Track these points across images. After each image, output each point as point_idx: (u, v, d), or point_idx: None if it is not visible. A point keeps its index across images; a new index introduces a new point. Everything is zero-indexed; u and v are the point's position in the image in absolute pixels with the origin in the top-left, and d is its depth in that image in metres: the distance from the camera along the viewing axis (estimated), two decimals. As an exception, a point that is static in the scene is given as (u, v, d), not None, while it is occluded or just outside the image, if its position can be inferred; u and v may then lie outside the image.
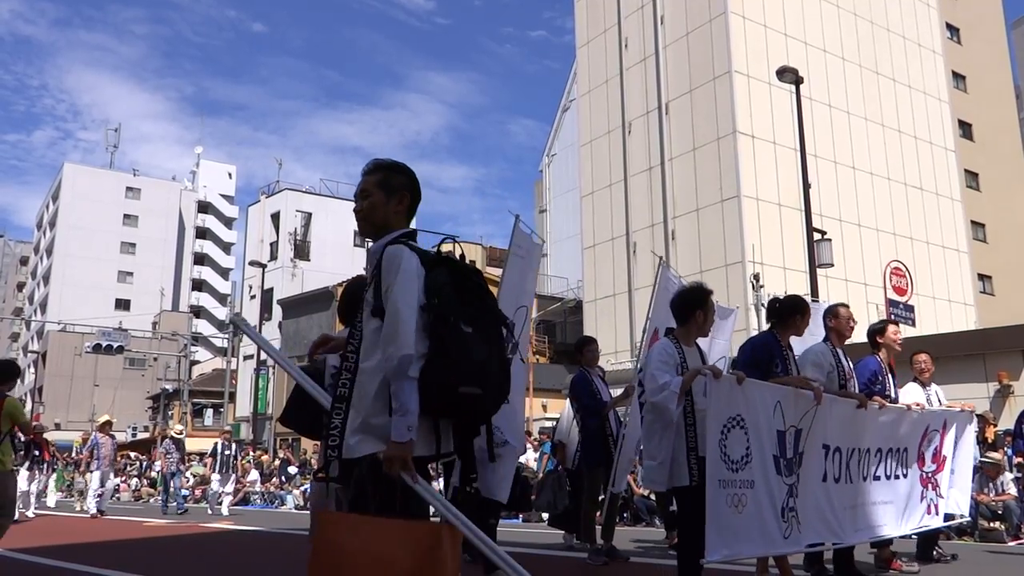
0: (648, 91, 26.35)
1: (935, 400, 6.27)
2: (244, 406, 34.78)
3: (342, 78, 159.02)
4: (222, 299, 65.42)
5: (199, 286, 68.72)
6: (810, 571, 5.18)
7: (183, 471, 17.00)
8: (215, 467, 15.59)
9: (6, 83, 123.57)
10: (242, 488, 19.80)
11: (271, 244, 38.26)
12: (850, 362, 5.35)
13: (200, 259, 69.40)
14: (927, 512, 5.71)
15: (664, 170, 25.32)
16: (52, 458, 17.28)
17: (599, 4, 28.95)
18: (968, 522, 7.81)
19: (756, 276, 21.72)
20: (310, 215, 38.52)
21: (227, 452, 15.18)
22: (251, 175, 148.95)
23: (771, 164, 23.55)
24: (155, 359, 49.27)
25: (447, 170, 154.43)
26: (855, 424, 5.02)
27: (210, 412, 42.91)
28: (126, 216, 64.86)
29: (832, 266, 17.83)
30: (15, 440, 6.49)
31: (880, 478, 5.27)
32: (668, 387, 4.06)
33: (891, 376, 5.74)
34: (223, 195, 71.53)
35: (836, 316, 5.35)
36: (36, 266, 69.98)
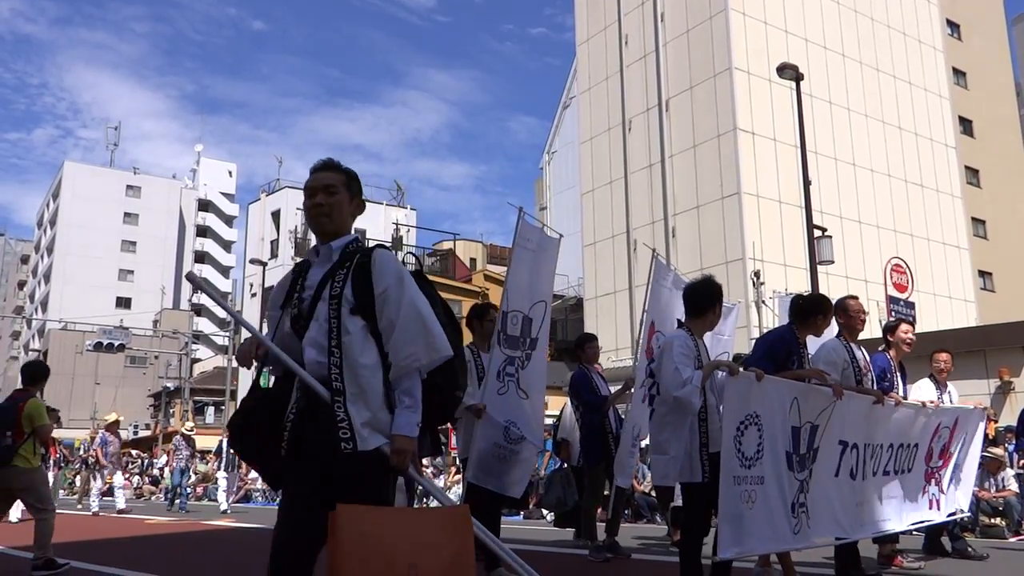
0: (648, 88, 26.33)
1: (948, 401, 6.23)
2: (245, 404, 34.72)
3: (342, 76, 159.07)
4: (222, 297, 65.41)
5: (195, 283, 68.63)
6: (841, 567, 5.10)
7: (191, 468, 16.94)
8: (220, 465, 15.61)
9: (6, 81, 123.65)
10: (244, 485, 19.82)
11: (272, 242, 38.25)
12: (866, 355, 5.29)
13: (201, 257, 69.39)
14: (929, 507, 5.70)
15: (664, 167, 25.31)
16: (59, 456, 17.29)
17: (599, 1, 28.92)
18: (969, 518, 7.81)
19: (757, 273, 21.73)
20: (310, 213, 38.40)
21: (232, 449, 15.18)
22: (252, 173, 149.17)
23: (771, 161, 23.54)
24: (156, 357, 49.32)
25: (447, 167, 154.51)
26: (871, 420, 4.98)
27: (211, 410, 42.97)
28: (127, 214, 64.89)
29: (833, 263, 17.84)
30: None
31: (889, 473, 5.25)
32: (691, 382, 3.99)
33: (900, 374, 5.72)
34: (224, 193, 71.52)
35: (846, 311, 5.29)
36: (37, 264, 70.01)
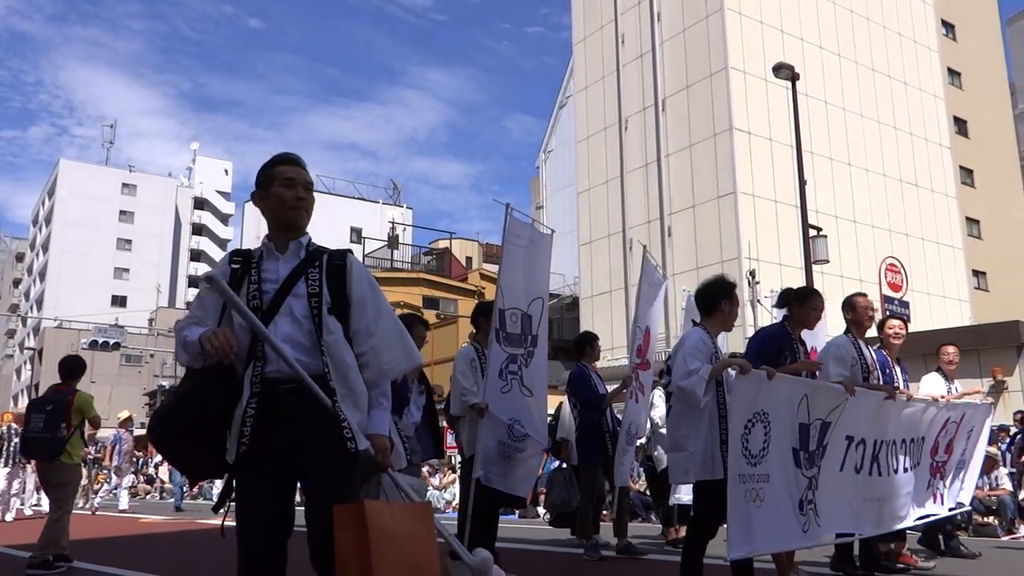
0: (645, 87, 26.38)
1: (956, 393, 6.25)
2: (241, 402, 34.70)
3: (339, 74, 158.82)
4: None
5: (195, 282, 68.61)
6: (839, 570, 5.09)
7: None
8: None
9: (1, 79, 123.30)
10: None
11: (267, 240, 38.22)
12: (873, 353, 5.29)
13: (196, 255, 69.29)
14: (932, 501, 5.69)
15: (660, 166, 25.35)
16: None
17: (596, 0, 28.96)
18: (965, 515, 7.86)
19: (752, 272, 21.78)
20: (306, 211, 38.40)
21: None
22: (248, 171, 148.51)
23: (767, 160, 23.60)
24: (152, 355, 49.21)
25: (444, 166, 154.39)
26: (880, 416, 4.96)
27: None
28: (122, 212, 64.74)
29: (828, 262, 17.89)
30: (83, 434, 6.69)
31: (908, 470, 5.23)
32: (697, 372, 4.02)
33: (900, 369, 5.70)
34: (219, 191, 71.41)
35: (853, 307, 5.28)
36: (32, 262, 69.85)
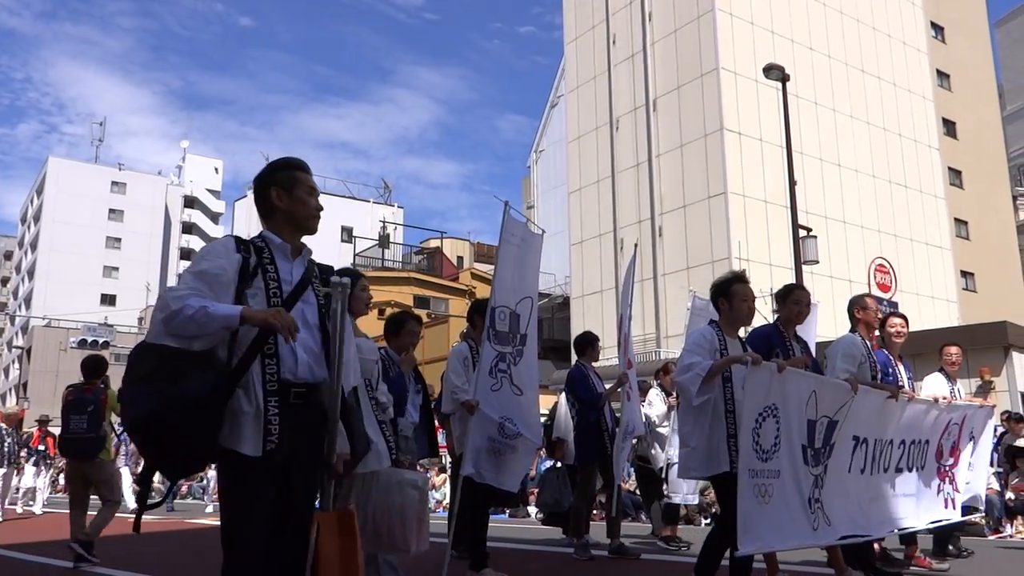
0: (636, 87, 26.43)
1: (958, 395, 6.22)
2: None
3: (330, 73, 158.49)
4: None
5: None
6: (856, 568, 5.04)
7: None
8: None
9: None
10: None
11: (258, 239, 38.10)
12: (875, 354, 5.26)
13: (186, 254, 68.94)
14: (944, 506, 5.66)
15: (651, 166, 25.41)
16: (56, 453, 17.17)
17: (587, 0, 29.00)
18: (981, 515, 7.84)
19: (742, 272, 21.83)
20: (297, 210, 38.27)
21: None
22: (238, 170, 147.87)
23: (757, 161, 23.69)
24: (141, 355, 49.00)
25: (435, 165, 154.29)
26: (883, 416, 4.95)
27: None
28: (111, 211, 64.43)
29: (817, 263, 17.97)
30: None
31: (902, 470, 5.21)
32: (694, 368, 3.98)
33: (901, 366, 5.66)
34: (210, 190, 71.18)
35: (865, 308, 5.22)
36: (20, 261, 69.44)
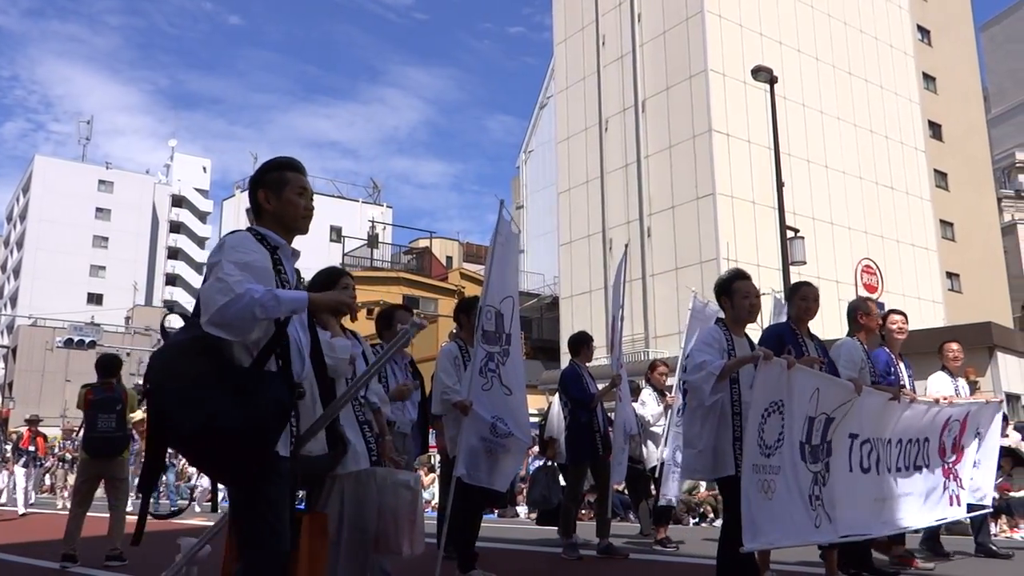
0: (625, 88, 26.50)
1: (963, 392, 6.21)
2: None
3: (320, 72, 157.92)
4: (196, 293, 64.86)
5: (173, 281, 68.06)
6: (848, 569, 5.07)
7: (176, 465, 16.58)
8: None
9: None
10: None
11: (246, 239, 37.93)
12: (874, 353, 5.28)
13: (174, 253, 68.71)
14: (949, 504, 5.65)
15: (640, 167, 25.48)
16: (47, 453, 17.01)
17: (577, 1, 29.04)
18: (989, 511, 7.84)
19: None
20: (286, 210, 38.15)
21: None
22: (226, 169, 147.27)
23: (746, 162, 23.80)
24: (128, 354, 48.64)
25: (424, 165, 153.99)
26: (883, 416, 4.96)
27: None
28: (98, 210, 64.02)
29: (805, 264, 18.05)
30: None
31: (902, 469, 5.21)
32: (705, 367, 3.94)
33: (902, 364, 5.66)
34: (198, 189, 70.84)
35: (868, 313, 5.25)
36: (6, 259, 68.89)
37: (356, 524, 3.52)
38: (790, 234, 16.15)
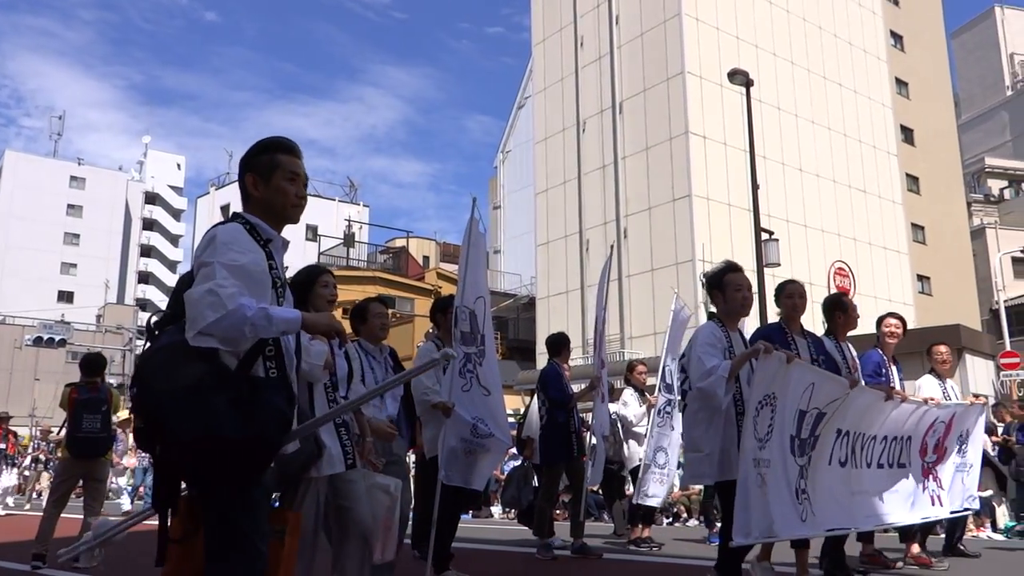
0: (603, 90, 26.62)
1: (952, 394, 6.28)
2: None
3: (297, 70, 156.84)
4: (169, 292, 64.12)
5: (145, 279, 67.20)
6: (826, 566, 5.08)
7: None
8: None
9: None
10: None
11: (221, 237, 37.59)
12: (855, 354, 5.32)
13: (147, 251, 67.84)
14: (931, 503, 5.68)
15: (617, 169, 25.61)
16: (15, 453, 16.77)
17: (555, 2, 29.13)
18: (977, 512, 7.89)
19: (706, 275, 22.11)
20: (261, 208, 37.90)
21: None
22: (201, 167, 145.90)
23: (721, 165, 24.00)
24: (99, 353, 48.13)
25: (402, 165, 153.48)
26: (871, 412, 4.98)
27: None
28: (70, 206, 63.03)
29: (779, 265, 18.22)
30: None
31: (884, 466, 5.23)
32: (716, 371, 3.87)
33: (894, 368, 5.72)
34: (171, 186, 70.00)
35: (845, 310, 5.31)
36: (-26, 256, 67.71)
37: (337, 525, 3.48)
38: (765, 236, 16.30)
